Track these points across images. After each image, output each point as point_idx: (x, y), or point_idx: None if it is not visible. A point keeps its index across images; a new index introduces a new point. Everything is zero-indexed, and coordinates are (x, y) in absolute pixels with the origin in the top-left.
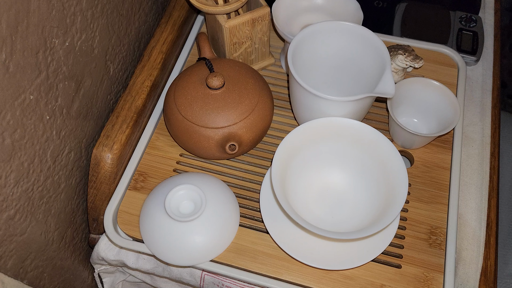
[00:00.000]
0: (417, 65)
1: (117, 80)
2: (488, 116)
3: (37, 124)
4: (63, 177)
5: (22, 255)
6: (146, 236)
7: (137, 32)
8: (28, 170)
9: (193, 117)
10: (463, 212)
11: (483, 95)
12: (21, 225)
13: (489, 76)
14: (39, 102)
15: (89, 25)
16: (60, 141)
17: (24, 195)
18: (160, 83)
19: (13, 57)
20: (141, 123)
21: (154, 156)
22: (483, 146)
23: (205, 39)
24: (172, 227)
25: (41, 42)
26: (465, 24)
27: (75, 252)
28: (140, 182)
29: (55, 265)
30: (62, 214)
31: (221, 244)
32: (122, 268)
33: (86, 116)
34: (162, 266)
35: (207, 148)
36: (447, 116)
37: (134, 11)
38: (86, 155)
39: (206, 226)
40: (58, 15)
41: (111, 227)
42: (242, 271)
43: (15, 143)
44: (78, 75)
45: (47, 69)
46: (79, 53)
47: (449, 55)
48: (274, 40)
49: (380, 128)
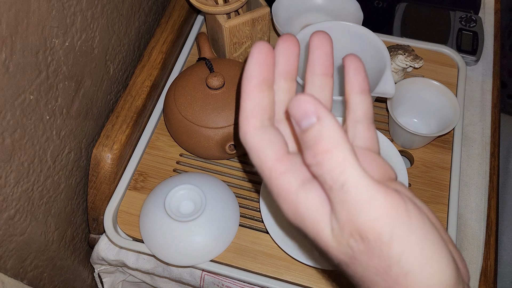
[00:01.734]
0: (417, 65)
1: (117, 80)
2: (488, 116)
3: (37, 124)
4: (63, 177)
5: (22, 255)
6: (146, 236)
7: (137, 32)
8: (28, 170)
9: (193, 117)
10: (463, 212)
11: (483, 95)
12: (21, 225)
13: (489, 76)
14: (39, 102)
15: (89, 25)
16: (60, 141)
17: (24, 195)
18: (160, 83)
19: (13, 57)
20: (141, 123)
21: (154, 156)
22: (483, 146)
23: (205, 39)
24: (172, 227)
25: (41, 42)
26: (465, 24)
27: (75, 252)
28: (140, 182)
29: (55, 265)
30: (62, 214)
31: (221, 244)
32: (122, 268)
33: (86, 116)
34: (162, 266)
35: (207, 148)
36: (447, 116)
37: (134, 11)
38: (86, 155)
39: (206, 226)
40: (58, 15)
41: (111, 227)
42: (242, 271)
43: (15, 143)
44: (78, 75)
45: (47, 69)
46: (79, 53)
47: (449, 55)
48: (274, 40)
49: (380, 128)
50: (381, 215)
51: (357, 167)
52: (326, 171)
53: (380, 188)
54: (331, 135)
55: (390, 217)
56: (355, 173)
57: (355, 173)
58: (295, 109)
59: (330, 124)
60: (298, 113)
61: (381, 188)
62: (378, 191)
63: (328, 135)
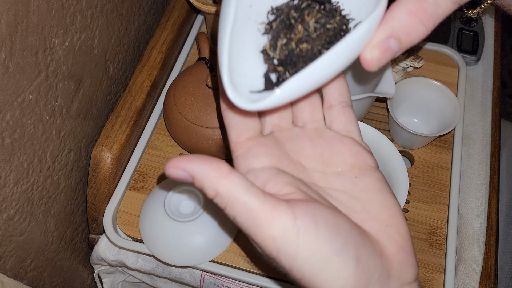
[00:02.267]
0: (417, 65)
1: (117, 80)
2: (489, 116)
3: (36, 124)
4: (62, 177)
5: (22, 255)
6: (146, 236)
7: (136, 32)
8: (27, 170)
9: (193, 117)
10: (464, 212)
11: (484, 95)
12: (20, 225)
13: (489, 76)
14: (39, 102)
15: (89, 25)
16: (59, 141)
17: (24, 195)
18: (160, 83)
19: (12, 57)
20: (140, 123)
21: (154, 156)
22: (484, 146)
23: (205, 39)
24: (172, 227)
25: (40, 42)
26: (465, 24)
27: (74, 252)
28: (139, 182)
29: (54, 265)
30: (61, 214)
31: (221, 244)
32: (121, 268)
33: (85, 116)
34: (162, 266)
35: (207, 148)
36: (448, 116)
37: (134, 11)
38: (86, 155)
39: (206, 226)
40: (57, 15)
41: (111, 227)
42: (242, 271)
43: (15, 143)
44: (78, 75)
45: (46, 69)
46: (79, 53)
47: (449, 55)
48: None
49: (380, 128)
50: (267, 236)
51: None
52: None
53: (266, 206)
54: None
55: (273, 239)
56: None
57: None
58: (168, 172)
59: (203, 179)
60: (174, 174)
61: (267, 206)
62: (263, 209)
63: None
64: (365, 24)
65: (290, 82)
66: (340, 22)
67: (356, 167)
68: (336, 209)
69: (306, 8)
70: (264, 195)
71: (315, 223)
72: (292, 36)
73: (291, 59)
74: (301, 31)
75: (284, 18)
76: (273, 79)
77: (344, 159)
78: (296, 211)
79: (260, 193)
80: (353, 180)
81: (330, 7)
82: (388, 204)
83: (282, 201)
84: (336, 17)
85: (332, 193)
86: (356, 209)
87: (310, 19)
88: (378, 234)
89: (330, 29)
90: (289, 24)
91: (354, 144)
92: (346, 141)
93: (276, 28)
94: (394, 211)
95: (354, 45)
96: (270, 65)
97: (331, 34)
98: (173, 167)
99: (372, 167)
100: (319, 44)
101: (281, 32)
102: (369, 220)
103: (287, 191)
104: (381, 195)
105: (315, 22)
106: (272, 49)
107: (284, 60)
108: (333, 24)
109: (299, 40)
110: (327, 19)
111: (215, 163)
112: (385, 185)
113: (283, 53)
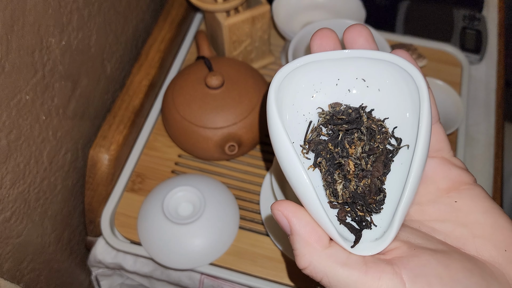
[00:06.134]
0: (420, 64)
1: (114, 79)
2: (492, 116)
3: (33, 124)
4: (59, 178)
5: (19, 257)
6: (144, 238)
7: (134, 30)
8: (24, 172)
9: (191, 117)
10: None
11: (487, 94)
12: (17, 227)
13: (493, 75)
14: (35, 102)
15: (86, 23)
16: (56, 142)
17: (20, 196)
18: (158, 83)
19: (8, 57)
20: (138, 123)
21: (152, 157)
22: (487, 147)
23: (204, 38)
24: (171, 229)
25: (37, 41)
26: (468, 23)
27: (72, 254)
28: (137, 184)
29: (51, 268)
30: (58, 216)
31: (221, 247)
32: (119, 271)
33: (82, 117)
34: (160, 269)
35: (206, 148)
36: (451, 116)
37: (131, 9)
38: (83, 156)
39: (205, 228)
40: (54, 14)
41: (108, 230)
42: (241, 274)
43: (11, 144)
44: (75, 74)
45: (43, 69)
46: (76, 52)
47: (452, 53)
48: (274, 38)
49: None
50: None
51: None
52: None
53: (369, 278)
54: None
55: None
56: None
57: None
58: (274, 212)
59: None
60: (278, 219)
61: (370, 278)
62: (367, 283)
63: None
64: (421, 140)
65: (396, 224)
66: (383, 137)
67: (452, 190)
68: (445, 251)
69: (343, 138)
70: (365, 264)
71: (427, 283)
72: (346, 174)
73: (357, 198)
74: (352, 167)
75: (328, 155)
76: (351, 222)
77: (437, 184)
78: (404, 275)
79: (360, 263)
80: (453, 205)
81: (366, 124)
82: (501, 224)
83: (386, 264)
84: (377, 135)
85: (434, 225)
86: (466, 237)
87: (355, 151)
88: (498, 262)
89: (377, 152)
90: (337, 163)
91: (445, 165)
92: (436, 163)
93: (327, 171)
94: (508, 231)
95: (423, 164)
96: (340, 212)
97: (383, 157)
98: (279, 211)
99: (470, 184)
100: (378, 176)
101: (333, 175)
102: (484, 247)
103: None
104: (490, 215)
105: (362, 153)
106: (334, 197)
107: (351, 203)
108: (377, 143)
109: (356, 176)
110: (371, 143)
111: (318, 231)
112: (490, 202)
113: (345, 196)
